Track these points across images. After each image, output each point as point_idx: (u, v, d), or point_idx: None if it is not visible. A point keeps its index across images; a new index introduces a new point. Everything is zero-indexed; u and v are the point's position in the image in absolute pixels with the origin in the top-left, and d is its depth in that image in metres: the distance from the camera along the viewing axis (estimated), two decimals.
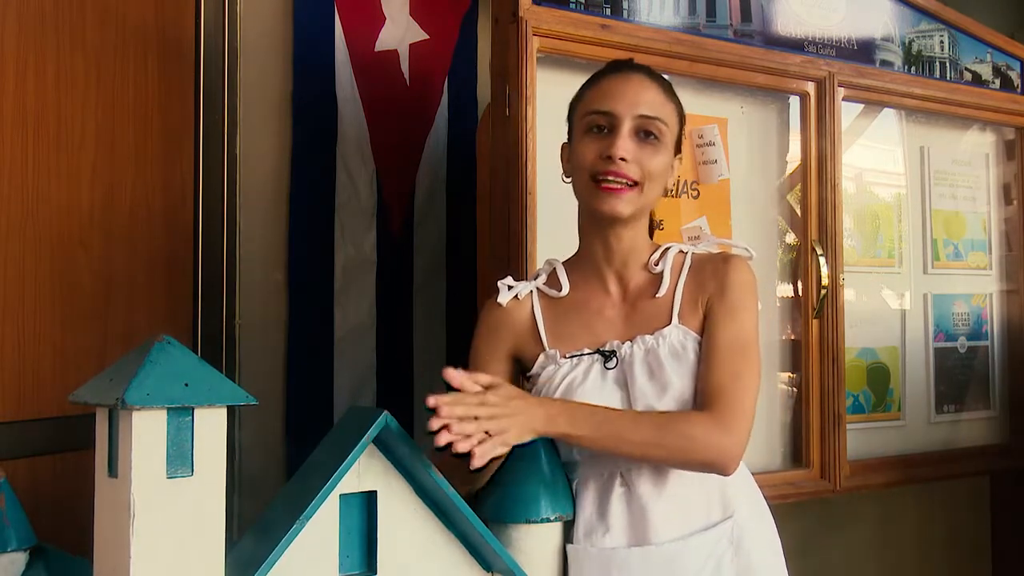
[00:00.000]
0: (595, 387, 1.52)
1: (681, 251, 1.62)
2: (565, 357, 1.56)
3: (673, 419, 1.46)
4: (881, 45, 2.63)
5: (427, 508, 1.32)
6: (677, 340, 1.53)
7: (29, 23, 1.83)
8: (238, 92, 2.21)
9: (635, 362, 1.52)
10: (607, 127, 1.55)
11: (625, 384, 1.52)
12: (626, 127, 1.54)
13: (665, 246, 1.63)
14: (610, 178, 1.53)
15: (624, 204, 1.54)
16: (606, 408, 1.47)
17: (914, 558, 3.18)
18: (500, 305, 1.62)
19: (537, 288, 1.64)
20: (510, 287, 1.64)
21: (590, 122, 1.57)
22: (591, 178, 1.55)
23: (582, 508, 1.50)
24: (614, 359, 1.54)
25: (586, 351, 1.56)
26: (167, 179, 2.10)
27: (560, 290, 1.62)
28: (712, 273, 1.57)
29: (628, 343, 1.55)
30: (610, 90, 1.57)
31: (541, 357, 1.58)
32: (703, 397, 1.49)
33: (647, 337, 1.54)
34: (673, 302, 1.56)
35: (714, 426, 1.45)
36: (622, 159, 1.52)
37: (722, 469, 1.47)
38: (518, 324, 1.62)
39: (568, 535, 1.50)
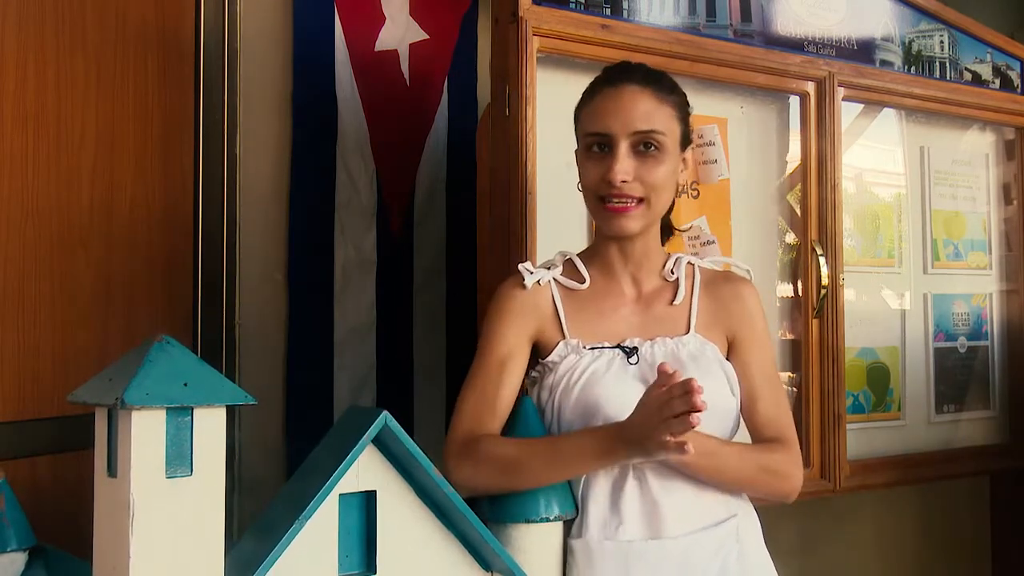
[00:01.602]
0: (617, 380, 1.53)
1: (690, 263, 1.68)
2: (587, 348, 1.57)
3: (765, 457, 1.57)
4: (881, 45, 2.63)
5: (426, 508, 1.32)
6: (695, 347, 1.58)
7: (29, 23, 1.83)
8: (238, 92, 2.21)
9: (657, 361, 1.53)
10: (606, 146, 1.56)
11: (647, 380, 1.52)
12: (623, 146, 1.54)
13: (675, 256, 1.68)
14: (615, 200, 1.55)
15: (632, 222, 1.57)
16: (718, 439, 1.53)
17: (914, 558, 3.17)
18: (523, 288, 1.61)
19: (554, 278, 1.64)
20: (531, 272, 1.63)
21: (588, 143, 1.59)
22: (598, 199, 1.57)
23: (595, 501, 1.51)
24: (635, 355, 1.55)
25: (607, 344, 1.57)
26: (167, 179, 2.10)
27: (583, 282, 1.63)
28: (732, 299, 1.65)
29: (649, 342, 1.57)
30: (603, 108, 1.58)
31: (560, 345, 1.58)
32: (759, 430, 1.61)
33: (667, 340, 1.58)
34: (691, 313, 1.61)
35: (793, 463, 1.59)
36: (623, 181, 1.53)
37: (791, 498, 1.60)
38: (540, 310, 1.61)
39: (569, 532, 1.51)
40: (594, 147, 1.58)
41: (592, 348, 1.56)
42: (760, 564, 1.57)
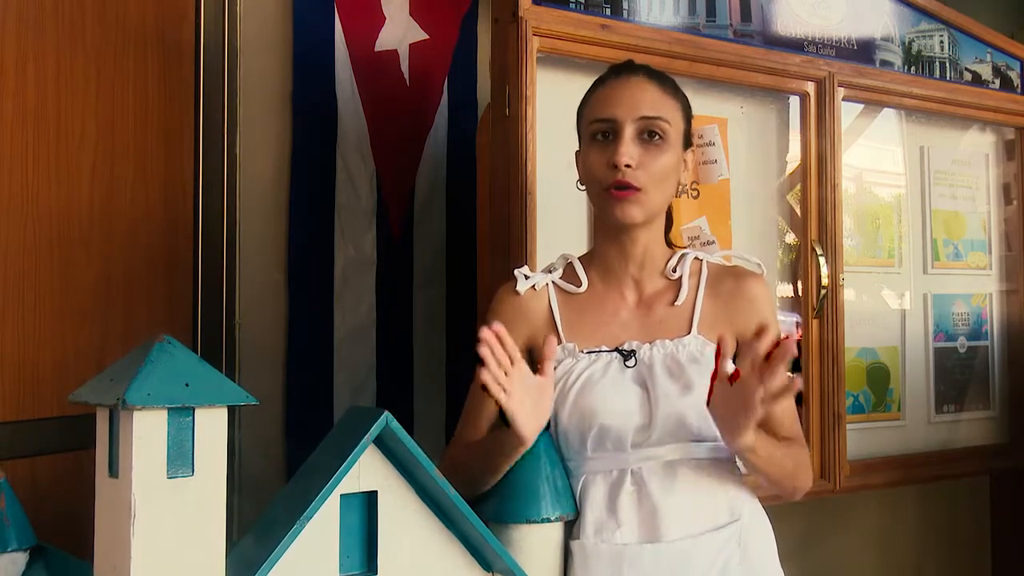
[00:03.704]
0: (614, 383, 1.52)
1: (697, 258, 1.64)
2: (583, 352, 1.56)
3: (797, 452, 1.57)
4: (881, 45, 2.63)
5: (427, 508, 1.32)
6: (696, 349, 1.55)
7: (29, 23, 1.83)
8: (238, 92, 2.21)
9: (655, 363, 1.53)
10: (610, 133, 1.56)
11: (644, 383, 1.52)
12: (628, 131, 1.54)
13: (681, 252, 1.64)
14: (620, 187, 1.53)
15: (637, 210, 1.55)
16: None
17: (914, 558, 3.18)
18: (517, 294, 1.61)
19: (553, 282, 1.64)
20: (527, 276, 1.63)
21: (594, 130, 1.58)
22: (602, 188, 1.56)
23: (591, 504, 1.50)
24: (633, 358, 1.54)
25: (604, 348, 1.56)
26: (167, 178, 2.10)
27: (579, 286, 1.62)
28: (739, 296, 1.60)
29: (647, 345, 1.55)
30: (610, 96, 1.58)
31: (558, 350, 1.57)
32: (775, 430, 1.56)
33: (667, 342, 1.55)
34: (693, 313, 1.58)
35: (809, 460, 1.62)
36: (627, 166, 1.52)
37: (802, 494, 1.60)
38: (535, 315, 1.61)
39: (570, 534, 1.50)
40: (598, 135, 1.57)
41: (590, 352, 1.56)
42: (765, 570, 1.54)
